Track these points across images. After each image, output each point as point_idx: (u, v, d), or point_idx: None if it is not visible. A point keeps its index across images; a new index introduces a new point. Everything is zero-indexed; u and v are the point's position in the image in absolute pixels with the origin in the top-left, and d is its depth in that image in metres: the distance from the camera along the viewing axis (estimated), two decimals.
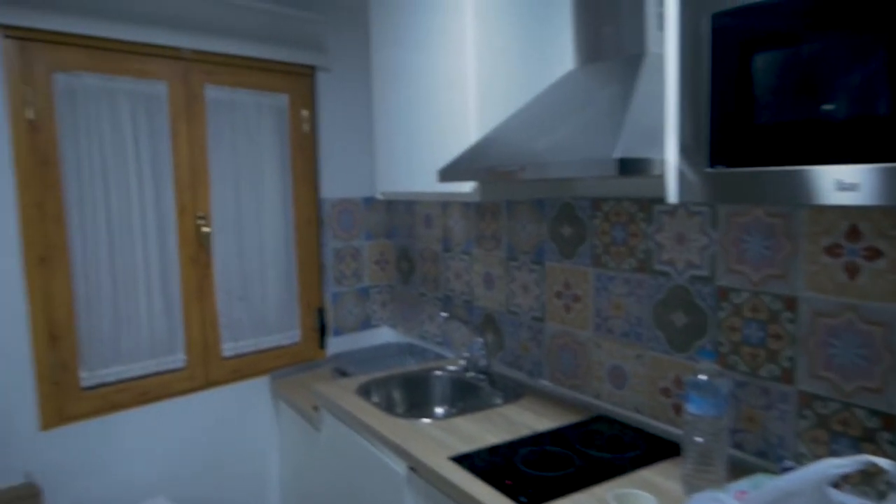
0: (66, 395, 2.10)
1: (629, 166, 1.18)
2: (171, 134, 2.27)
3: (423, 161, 1.97)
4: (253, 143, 2.48)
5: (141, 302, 2.24)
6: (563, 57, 1.73)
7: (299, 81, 2.57)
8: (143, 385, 2.26)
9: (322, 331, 2.70)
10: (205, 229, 2.35)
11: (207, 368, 2.40)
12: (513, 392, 2.02)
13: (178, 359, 2.34)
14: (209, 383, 2.41)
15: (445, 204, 2.49)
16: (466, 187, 1.78)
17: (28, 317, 2.00)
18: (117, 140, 2.16)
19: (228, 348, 2.46)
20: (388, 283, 2.89)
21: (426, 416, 1.85)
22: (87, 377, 2.15)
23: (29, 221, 1.99)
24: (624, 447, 1.60)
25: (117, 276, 2.19)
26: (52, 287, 2.05)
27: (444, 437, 1.69)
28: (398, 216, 2.80)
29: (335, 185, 2.69)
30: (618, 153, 1.18)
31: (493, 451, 1.60)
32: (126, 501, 2.22)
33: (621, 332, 1.79)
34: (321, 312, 2.70)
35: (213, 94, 2.36)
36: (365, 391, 2.08)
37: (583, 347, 1.92)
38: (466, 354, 2.22)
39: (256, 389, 2.52)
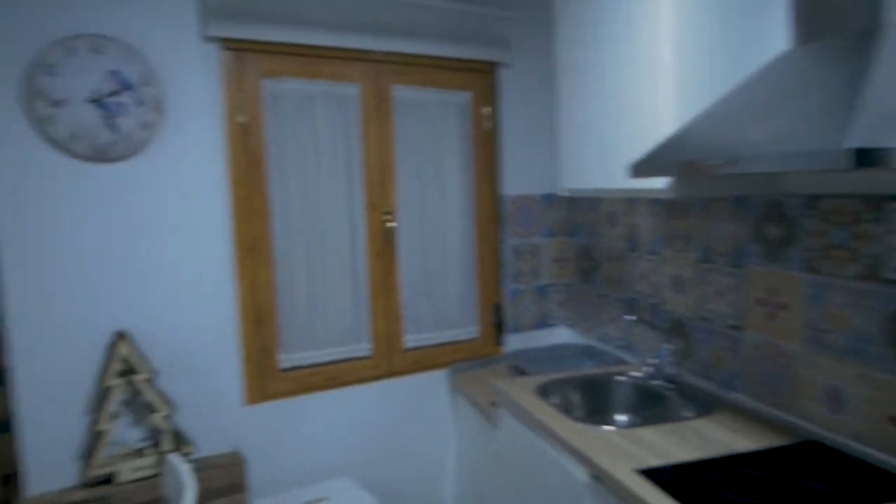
0: (266, 375, 2.28)
1: (867, 157, 1.01)
2: (362, 133, 2.38)
3: (611, 156, 1.87)
4: (436, 142, 2.53)
5: (332, 292, 2.38)
6: (773, 37, 1.55)
7: (481, 78, 2.58)
8: (332, 370, 2.40)
9: (499, 327, 2.70)
10: (390, 224, 2.44)
11: (390, 358, 2.50)
12: (704, 405, 1.86)
13: (364, 347, 2.46)
14: (391, 373, 2.50)
15: (631, 201, 2.36)
16: (659, 183, 1.67)
17: (238, 303, 2.21)
18: (314, 140, 2.31)
19: (410, 340, 2.54)
20: (567, 282, 2.81)
21: (607, 423, 1.76)
22: (284, 360, 2.32)
23: (240, 216, 2.19)
24: (842, 480, 1.40)
25: (311, 268, 2.34)
26: (258, 276, 2.24)
27: (629, 447, 1.60)
28: (579, 213, 2.71)
29: (515, 181, 2.67)
30: (853, 143, 1.02)
31: (685, 468, 1.47)
32: (314, 477, 2.37)
33: (840, 348, 1.57)
34: (499, 309, 2.69)
35: (401, 93, 2.44)
36: (543, 391, 2.04)
37: (790, 361, 1.72)
38: (653, 360, 2.08)
39: (435, 382, 2.58)
